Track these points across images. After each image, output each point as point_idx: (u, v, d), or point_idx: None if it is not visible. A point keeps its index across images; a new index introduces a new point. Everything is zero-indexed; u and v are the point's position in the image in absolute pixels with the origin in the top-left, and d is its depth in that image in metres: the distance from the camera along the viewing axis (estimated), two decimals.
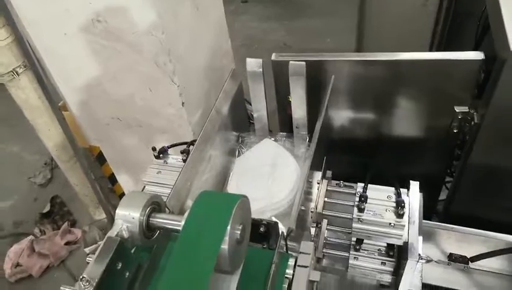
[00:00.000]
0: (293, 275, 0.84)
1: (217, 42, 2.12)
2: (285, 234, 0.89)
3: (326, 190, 1.19)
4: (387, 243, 1.17)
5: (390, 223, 1.06)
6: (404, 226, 1.05)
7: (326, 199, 1.18)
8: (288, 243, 0.92)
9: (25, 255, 2.69)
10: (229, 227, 0.75)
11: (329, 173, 1.34)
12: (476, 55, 1.23)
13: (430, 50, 2.20)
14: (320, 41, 3.68)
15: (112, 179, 2.65)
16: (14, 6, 1.74)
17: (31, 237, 2.80)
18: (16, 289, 2.65)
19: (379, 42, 2.20)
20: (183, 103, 1.88)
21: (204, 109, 1.94)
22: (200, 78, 1.96)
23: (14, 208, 3.10)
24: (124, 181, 2.48)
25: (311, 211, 1.12)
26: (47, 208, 2.97)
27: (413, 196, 1.11)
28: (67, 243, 2.78)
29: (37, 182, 3.21)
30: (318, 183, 1.18)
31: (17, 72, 1.98)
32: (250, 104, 1.47)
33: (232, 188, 1.25)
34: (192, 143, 1.26)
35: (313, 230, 1.21)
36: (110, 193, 2.72)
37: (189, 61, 1.85)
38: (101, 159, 2.50)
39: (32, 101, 2.13)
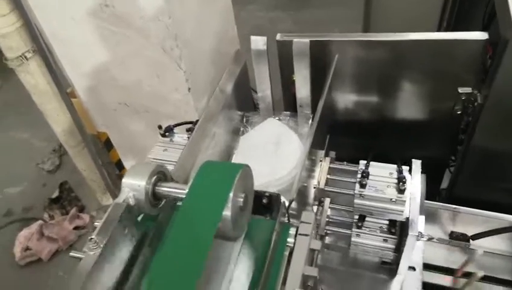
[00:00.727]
0: (294, 243, 0.86)
1: (224, 28, 2.13)
2: (286, 205, 0.91)
3: (329, 167, 1.21)
4: (389, 220, 1.18)
5: (391, 199, 1.07)
6: (405, 202, 1.07)
7: (328, 176, 1.20)
8: (290, 217, 0.95)
9: (34, 239, 2.73)
10: (231, 194, 0.77)
11: (332, 154, 1.36)
12: (480, 35, 1.23)
13: None
14: (328, 31, 3.67)
15: (119, 165, 2.68)
16: None
17: (40, 221, 2.85)
18: (26, 272, 2.70)
19: (385, 30, 2.21)
20: (189, 89, 1.89)
21: (210, 95, 1.96)
22: (206, 64, 1.98)
23: (24, 194, 3.15)
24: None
25: (314, 188, 1.14)
26: (56, 194, 3.02)
27: (415, 173, 1.12)
28: (75, 228, 2.83)
29: (45, 168, 3.26)
30: (321, 161, 1.20)
31: (26, 57, 2.01)
32: (256, 92, 1.49)
33: None
34: (197, 122, 1.28)
35: (315, 208, 1.22)
36: (118, 178, 2.75)
37: (196, 46, 1.87)
38: (108, 145, 2.54)
39: (41, 86, 2.16)
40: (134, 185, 0.84)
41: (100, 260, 0.74)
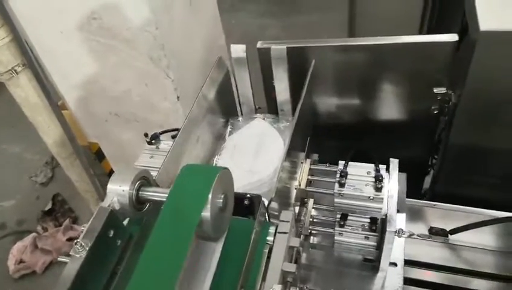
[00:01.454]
0: (273, 241, 0.89)
1: (211, 37, 2.18)
2: (265, 204, 0.94)
3: (310, 168, 1.25)
4: (370, 218, 1.22)
5: (369, 197, 1.11)
6: (382, 199, 1.11)
7: (309, 177, 1.24)
8: (269, 216, 0.98)
9: (28, 251, 2.75)
10: (210, 195, 0.80)
11: (315, 156, 1.40)
12: (450, 37, 1.29)
13: None
14: (317, 36, 3.72)
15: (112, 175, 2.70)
16: (11, 5, 1.80)
17: (33, 234, 2.86)
18: (20, 285, 2.72)
19: (370, 33, 2.26)
20: (178, 97, 1.94)
21: None
22: (195, 72, 2.02)
23: (17, 207, 3.17)
24: None
25: (295, 188, 1.18)
26: (49, 206, 3.04)
27: (393, 171, 1.17)
28: (69, 239, 2.84)
29: (38, 181, 3.28)
30: (302, 162, 1.24)
31: (16, 71, 2.03)
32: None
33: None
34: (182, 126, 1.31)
35: (298, 209, 1.26)
36: None
37: (184, 56, 1.91)
38: (100, 155, 2.57)
39: (32, 99, 2.18)
40: (118, 190, 0.88)
41: (86, 263, 0.77)
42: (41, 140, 2.40)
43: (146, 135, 1.33)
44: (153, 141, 1.33)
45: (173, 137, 1.31)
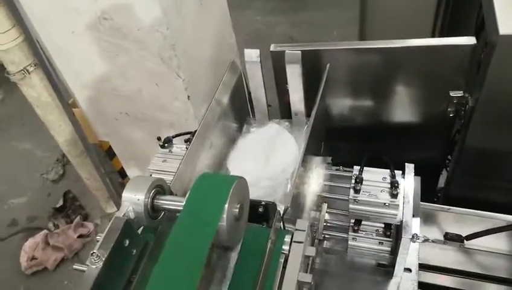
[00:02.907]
0: (289, 250, 0.89)
1: (221, 37, 2.17)
2: (281, 212, 0.94)
3: (324, 173, 1.24)
4: (385, 224, 1.21)
5: (384, 203, 1.10)
6: (398, 205, 1.10)
7: (324, 182, 1.23)
8: (284, 224, 0.98)
9: (39, 248, 2.78)
10: (227, 205, 0.80)
11: (328, 159, 1.39)
12: (468, 40, 1.26)
13: (433, 37, 2.22)
14: (326, 34, 3.70)
15: (122, 173, 2.72)
16: (23, 6, 1.81)
17: (45, 231, 2.89)
18: (32, 281, 2.75)
19: (382, 31, 2.23)
20: (188, 97, 1.93)
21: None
22: (205, 72, 2.01)
23: (28, 204, 3.19)
24: (134, 175, 2.55)
25: (310, 194, 1.17)
26: (60, 203, 3.06)
27: (408, 177, 1.15)
28: (80, 236, 2.87)
29: (49, 178, 3.30)
30: (316, 167, 1.23)
31: (28, 71, 2.05)
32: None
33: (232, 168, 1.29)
34: (196, 132, 1.31)
35: (312, 213, 1.25)
36: (120, 186, 2.79)
37: (194, 55, 1.91)
38: (110, 153, 2.57)
39: (43, 98, 2.20)
40: (133, 199, 0.87)
41: (102, 273, 0.77)
42: (52, 137, 2.42)
43: (159, 138, 1.33)
44: (166, 145, 1.33)
45: (186, 141, 1.30)
